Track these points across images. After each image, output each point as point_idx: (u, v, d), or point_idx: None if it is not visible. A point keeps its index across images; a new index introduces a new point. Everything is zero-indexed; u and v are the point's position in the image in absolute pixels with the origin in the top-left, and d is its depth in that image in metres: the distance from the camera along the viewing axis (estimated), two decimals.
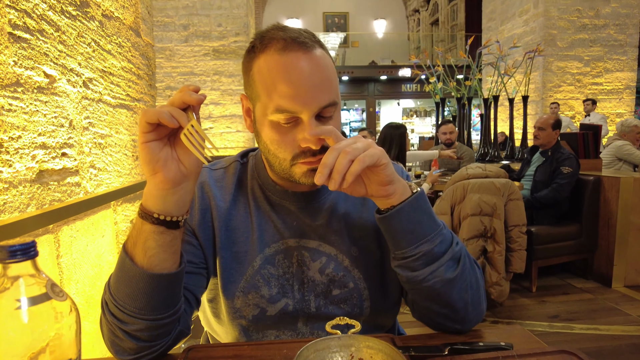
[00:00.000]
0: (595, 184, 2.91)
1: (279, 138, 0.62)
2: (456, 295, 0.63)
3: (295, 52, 0.59)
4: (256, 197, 0.73)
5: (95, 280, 1.04)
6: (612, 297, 2.69)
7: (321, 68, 0.61)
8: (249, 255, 0.70)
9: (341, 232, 0.72)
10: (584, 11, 6.80)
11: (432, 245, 0.61)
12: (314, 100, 0.59)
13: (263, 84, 0.61)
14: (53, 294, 0.36)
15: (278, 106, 0.59)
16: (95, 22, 1.09)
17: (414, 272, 0.62)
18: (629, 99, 7.14)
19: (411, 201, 0.61)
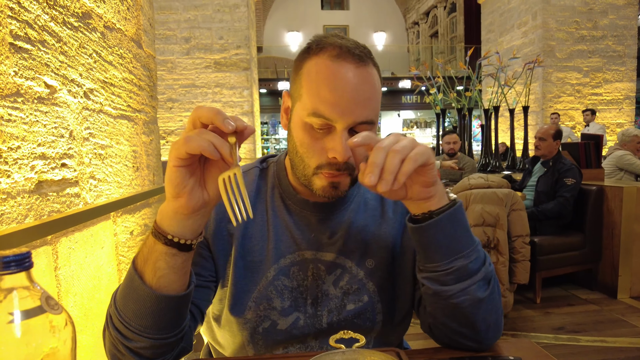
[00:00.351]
0: (598, 193, 2.90)
1: (309, 142, 0.62)
2: (481, 316, 0.61)
3: (347, 63, 0.59)
4: (275, 206, 0.72)
5: (94, 292, 1.03)
6: (618, 309, 2.66)
7: (368, 85, 0.60)
8: (263, 265, 0.68)
9: (358, 244, 0.70)
10: (582, 23, 6.86)
11: (467, 261, 0.59)
12: (352, 113, 0.59)
13: (308, 85, 0.61)
14: (48, 307, 0.35)
15: (316, 110, 0.59)
16: (97, 34, 1.09)
17: (444, 286, 0.60)
18: (629, 109, 7.16)
19: (450, 213, 0.58)
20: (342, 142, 0.59)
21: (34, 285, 0.35)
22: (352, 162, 0.62)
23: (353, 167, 0.62)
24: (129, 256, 1.23)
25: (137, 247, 1.29)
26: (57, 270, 0.88)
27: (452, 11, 12.76)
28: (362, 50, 0.62)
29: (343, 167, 0.61)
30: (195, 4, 5.80)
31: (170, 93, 5.89)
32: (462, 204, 0.61)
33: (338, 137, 0.59)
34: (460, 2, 12.14)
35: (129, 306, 0.56)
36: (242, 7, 5.91)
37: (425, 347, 0.67)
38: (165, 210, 0.53)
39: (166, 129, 5.89)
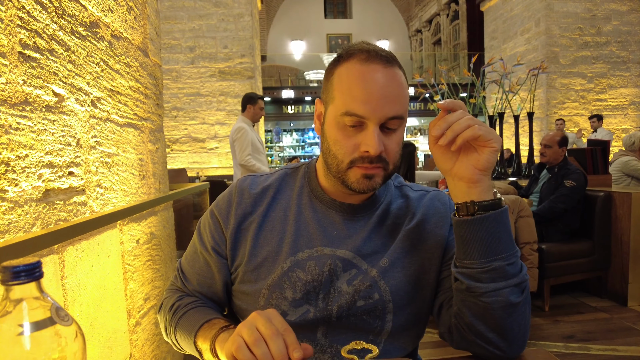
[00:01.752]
0: (606, 199, 2.87)
1: (342, 139, 0.65)
2: (510, 322, 0.61)
3: (376, 64, 0.64)
4: (301, 203, 0.74)
5: (100, 302, 1.02)
6: (629, 317, 2.62)
7: (396, 83, 0.64)
8: (279, 256, 0.70)
9: (376, 247, 0.72)
10: (585, 29, 6.86)
11: (505, 263, 0.60)
12: (382, 109, 0.63)
13: (340, 88, 0.65)
14: (58, 318, 0.34)
15: (348, 108, 0.63)
16: (105, 42, 1.10)
17: (478, 282, 0.61)
18: (635, 115, 7.12)
19: (497, 213, 0.60)
20: (375, 137, 0.62)
21: (44, 295, 0.34)
22: (385, 157, 0.65)
23: (387, 162, 0.66)
24: (135, 265, 1.23)
25: (143, 256, 1.28)
26: (64, 279, 0.87)
27: (455, 19, 12.81)
28: (389, 54, 0.66)
29: (376, 160, 0.64)
30: (200, 13, 5.86)
31: (175, 102, 5.93)
32: (508, 208, 0.62)
33: (370, 132, 0.63)
34: (463, 10, 12.19)
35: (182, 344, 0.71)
36: (246, 16, 5.96)
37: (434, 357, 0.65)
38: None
39: (171, 137, 5.92)
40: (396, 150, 0.66)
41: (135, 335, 1.19)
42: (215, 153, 6.08)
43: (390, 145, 0.65)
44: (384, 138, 0.64)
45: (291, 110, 12.71)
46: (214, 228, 0.75)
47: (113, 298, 1.07)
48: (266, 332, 0.50)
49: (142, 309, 1.26)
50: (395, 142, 0.66)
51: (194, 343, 0.66)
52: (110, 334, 1.04)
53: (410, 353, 0.76)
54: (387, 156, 0.65)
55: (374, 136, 0.62)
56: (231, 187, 0.78)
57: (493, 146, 0.59)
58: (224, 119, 6.04)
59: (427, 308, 0.74)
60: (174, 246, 1.62)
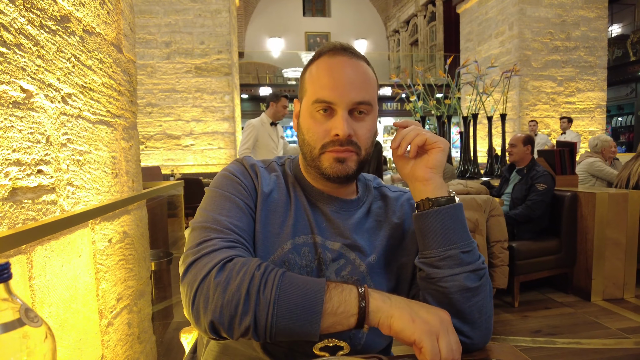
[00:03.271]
0: (572, 199, 2.98)
1: (314, 126, 0.70)
2: (469, 308, 0.65)
3: (342, 57, 0.70)
4: (296, 190, 0.77)
5: (70, 302, 1.00)
6: (592, 311, 2.73)
7: (361, 73, 0.70)
8: (281, 238, 0.72)
9: (365, 240, 0.75)
10: (555, 34, 7.08)
11: (459, 250, 0.65)
12: (348, 94, 0.67)
13: (310, 81, 0.71)
14: (27, 319, 0.34)
15: (318, 96, 0.68)
16: (76, 37, 1.07)
17: (436, 269, 0.66)
18: (600, 117, 7.41)
19: (449, 208, 0.66)
20: (343, 120, 0.67)
21: (13, 297, 0.34)
22: (357, 141, 0.69)
23: (358, 146, 0.69)
24: (108, 264, 1.20)
25: (115, 255, 1.26)
26: (32, 280, 0.85)
27: (432, 20, 13.00)
28: (355, 50, 0.72)
29: (345, 143, 0.68)
30: (176, 8, 5.75)
31: (150, 97, 5.81)
32: (462, 205, 0.68)
33: (339, 117, 0.67)
34: (440, 12, 12.38)
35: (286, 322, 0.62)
36: (223, 12, 5.88)
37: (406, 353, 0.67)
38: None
39: (145, 134, 5.80)
40: (367, 136, 0.70)
41: (107, 336, 1.17)
42: (191, 150, 5.99)
43: (361, 131, 0.70)
44: (354, 123, 0.69)
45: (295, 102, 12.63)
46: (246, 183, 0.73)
47: (84, 298, 1.05)
48: None
49: (115, 309, 1.24)
50: (366, 128, 0.70)
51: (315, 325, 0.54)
52: (81, 335, 1.02)
53: (385, 348, 0.78)
54: (358, 140, 0.69)
55: (342, 120, 0.67)
56: (235, 164, 0.77)
57: (439, 146, 0.67)
58: (200, 116, 5.95)
59: None
60: (147, 245, 1.60)
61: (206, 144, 6.00)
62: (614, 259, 2.91)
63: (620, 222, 2.89)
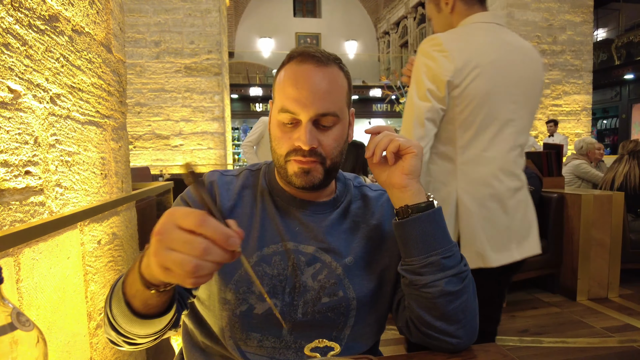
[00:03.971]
0: (559, 201, 3.03)
1: (280, 135, 0.70)
2: (453, 309, 0.66)
3: (308, 64, 0.68)
4: (264, 200, 0.77)
5: (58, 305, 0.99)
6: (578, 310, 2.78)
7: (326, 81, 0.68)
8: (246, 252, 0.72)
9: (339, 242, 0.75)
10: (542, 37, 7.19)
11: (440, 256, 0.65)
12: (312, 105, 0.66)
13: (277, 89, 0.71)
14: (19, 323, 0.34)
15: (282, 106, 0.68)
16: (65, 37, 1.06)
17: (419, 276, 0.66)
18: (586, 120, 7.53)
19: (429, 214, 0.66)
20: (306, 131, 0.66)
21: (4, 301, 0.34)
22: (321, 151, 0.68)
23: (323, 157, 0.69)
24: (96, 266, 1.19)
25: (104, 257, 1.25)
26: (19, 282, 0.84)
27: (422, 22, 13.10)
28: (324, 54, 0.70)
29: (309, 154, 0.67)
30: (165, 7, 5.71)
31: (139, 97, 5.75)
32: (441, 208, 0.68)
33: (302, 127, 0.67)
34: None
35: (123, 321, 0.59)
36: (213, 12, 5.86)
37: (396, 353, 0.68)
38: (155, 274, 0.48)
39: (134, 133, 5.74)
40: (333, 146, 0.70)
41: (95, 338, 1.16)
42: (180, 150, 5.95)
43: (326, 141, 0.69)
44: (319, 134, 0.68)
45: (259, 108, 12.60)
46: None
47: (73, 301, 1.04)
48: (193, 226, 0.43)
49: (104, 312, 1.23)
50: (332, 138, 0.69)
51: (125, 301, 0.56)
52: (69, 338, 1.01)
53: (371, 348, 0.78)
54: (323, 151, 0.69)
55: (305, 131, 0.66)
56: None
57: (412, 151, 0.66)
58: (189, 116, 5.92)
59: (388, 304, 0.77)
60: (136, 247, 1.59)
61: (195, 144, 5.97)
62: (599, 259, 2.96)
63: (604, 223, 2.95)
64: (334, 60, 0.71)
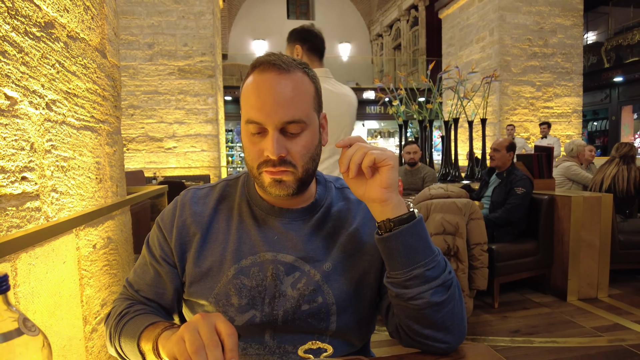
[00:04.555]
0: (550, 202, 3.07)
1: (250, 147, 0.69)
2: (440, 318, 0.67)
3: (269, 73, 0.67)
4: (241, 211, 0.77)
5: (54, 309, 0.99)
6: (568, 311, 2.82)
7: (291, 87, 0.67)
8: (224, 265, 0.73)
9: (319, 249, 0.75)
10: (534, 40, 7.27)
11: (424, 269, 0.65)
12: (276, 113, 0.66)
13: (242, 100, 0.70)
14: (25, 329, 0.35)
15: (248, 117, 0.68)
16: (60, 43, 1.07)
17: (404, 289, 0.66)
18: (577, 122, 7.63)
19: (409, 227, 0.65)
20: (272, 141, 0.66)
21: (11, 307, 0.35)
22: (291, 159, 0.68)
23: (293, 164, 0.69)
24: (92, 270, 1.20)
25: (100, 261, 1.26)
26: (16, 287, 0.85)
27: (415, 25, 13.18)
28: (286, 61, 0.69)
29: (278, 163, 0.67)
30: (159, 10, 5.70)
31: (132, 99, 5.74)
32: (422, 218, 0.67)
33: (269, 137, 0.66)
34: (423, 17, 12.56)
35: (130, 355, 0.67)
36: (207, 14, 5.86)
37: (389, 354, 0.70)
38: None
39: (127, 136, 5.72)
40: (302, 153, 0.69)
41: (91, 342, 1.17)
42: (174, 153, 5.94)
43: (295, 149, 0.68)
44: (287, 142, 0.68)
45: None
46: (161, 239, 0.77)
47: (68, 305, 1.05)
48: (207, 341, 0.51)
49: (99, 315, 1.24)
50: (301, 145, 0.68)
51: (137, 345, 0.65)
52: (65, 342, 1.01)
53: (362, 349, 0.80)
54: (293, 158, 0.68)
55: (271, 141, 0.66)
56: (175, 200, 0.80)
57: (389, 164, 0.65)
58: (183, 118, 5.91)
59: (369, 307, 0.77)
60: (131, 250, 1.60)
61: (189, 146, 5.96)
62: (589, 259, 3.01)
63: (594, 224, 3.00)
64: (298, 66, 0.70)
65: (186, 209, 0.77)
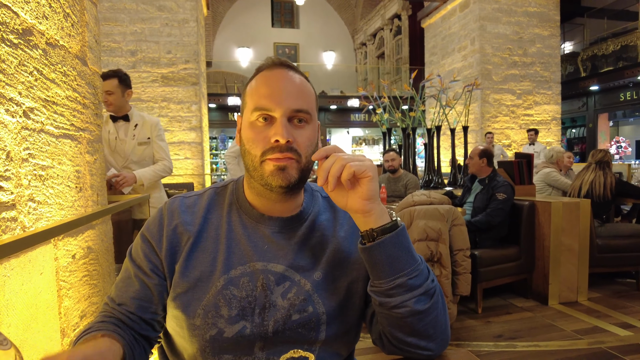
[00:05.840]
0: (530, 208, 3.13)
1: (254, 135, 0.69)
2: (424, 326, 0.67)
3: (278, 68, 0.72)
4: (231, 220, 0.76)
5: (30, 322, 0.97)
6: (549, 314, 2.87)
7: (299, 84, 0.71)
8: (213, 276, 0.71)
9: (309, 257, 0.75)
10: (514, 49, 7.45)
11: (407, 278, 0.66)
12: (286, 101, 0.68)
13: (250, 94, 0.72)
14: None
15: (257, 105, 0.69)
16: (39, 51, 1.06)
17: (388, 298, 0.66)
18: (556, 129, 7.81)
19: (392, 236, 0.65)
20: (282, 126, 0.67)
21: None
22: (297, 148, 0.69)
23: (298, 153, 0.69)
24: (71, 281, 1.18)
25: (79, 271, 1.24)
26: None
27: (398, 34, 13.37)
28: (294, 66, 0.74)
29: (285, 149, 0.67)
30: (142, 17, 5.66)
31: None
32: (404, 226, 0.67)
33: (278, 123, 0.68)
34: (406, 26, 12.75)
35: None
36: (191, 22, 5.84)
37: None
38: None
39: None
40: (307, 144, 0.70)
41: None
42: None
43: (300, 139, 0.69)
44: (294, 131, 0.69)
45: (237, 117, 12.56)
46: (148, 251, 0.74)
47: (45, 317, 1.02)
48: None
49: (78, 327, 1.21)
50: (306, 136, 0.70)
51: None
52: (41, 356, 0.99)
53: (346, 358, 0.80)
54: (298, 147, 0.69)
55: (281, 126, 0.67)
56: (161, 209, 0.78)
57: (368, 175, 0.64)
58: (167, 126, 5.85)
59: (358, 315, 0.78)
60: (112, 260, 1.57)
61: (172, 154, 5.90)
62: (568, 264, 3.07)
63: (573, 229, 3.06)
64: (298, 69, 0.74)
65: (175, 217, 0.74)
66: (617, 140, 11.23)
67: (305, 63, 15.18)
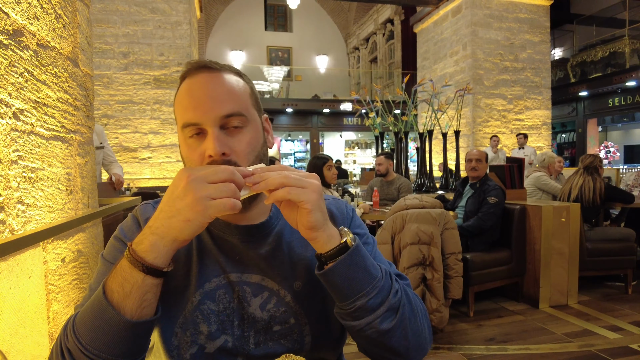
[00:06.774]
0: (521, 212, 3.16)
1: (190, 153, 0.64)
2: (395, 342, 0.64)
3: (198, 74, 0.65)
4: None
5: (18, 326, 0.95)
6: (540, 318, 2.89)
7: (224, 83, 0.65)
8: (188, 291, 0.67)
9: (285, 266, 0.71)
10: (505, 55, 7.53)
11: (367, 299, 0.61)
12: (213, 109, 0.62)
13: (176, 108, 0.66)
14: None
15: (184, 121, 0.63)
16: (29, 52, 1.05)
17: (351, 321, 0.63)
18: (547, 134, 7.90)
19: (344, 259, 0.60)
20: (213, 139, 0.61)
21: None
22: (236, 159, 0.63)
23: (237, 165, 0.63)
24: (60, 285, 1.16)
25: (69, 275, 1.22)
26: None
27: (391, 38, 13.45)
28: (215, 63, 0.67)
29: (221, 163, 0.61)
30: (135, 19, 5.64)
31: (106, 109, 5.62)
32: (359, 244, 0.62)
33: (209, 136, 0.62)
34: (398, 31, 12.83)
35: (101, 339, 0.54)
36: (184, 24, 5.83)
37: None
38: (157, 248, 0.54)
39: None
40: (247, 152, 0.64)
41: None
42: (148, 163, 5.83)
43: (239, 146, 0.64)
44: (229, 139, 0.64)
45: None
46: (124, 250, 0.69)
47: (33, 322, 1.01)
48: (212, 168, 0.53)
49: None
50: (245, 142, 0.65)
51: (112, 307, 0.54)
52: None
53: None
54: (237, 158, 0.64)
55: (212, 139, 0.61)
56: (133, 215, 0.74)
57: (306, 208, 0.56)
58: (158, 128, 5.82)
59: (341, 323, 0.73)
60: None
61: (164, 156, 5.87)
62: (559, 267, 3.10)
63: (563, 233, 3.09)
64: (230, 68, 0.68)
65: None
66: (606, 145, 11.39)
67: (298, 67, 15.21)
